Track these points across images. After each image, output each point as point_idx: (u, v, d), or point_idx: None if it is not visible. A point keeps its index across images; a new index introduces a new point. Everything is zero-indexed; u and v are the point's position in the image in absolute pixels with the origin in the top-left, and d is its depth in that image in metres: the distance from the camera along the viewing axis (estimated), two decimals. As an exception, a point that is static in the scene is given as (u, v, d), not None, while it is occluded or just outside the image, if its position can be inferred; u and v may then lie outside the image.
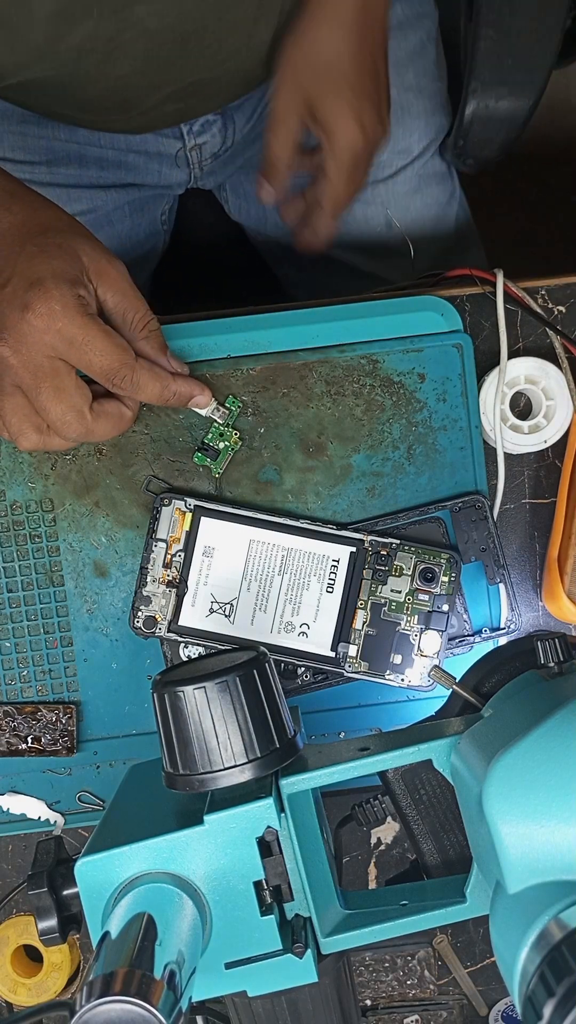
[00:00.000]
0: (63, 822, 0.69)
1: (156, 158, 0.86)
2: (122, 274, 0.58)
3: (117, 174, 0.86)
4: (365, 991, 0.74)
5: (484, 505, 0.67)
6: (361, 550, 0.66)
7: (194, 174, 0.89)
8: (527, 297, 0.69)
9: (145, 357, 0.60)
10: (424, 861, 0.54)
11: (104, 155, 0.85)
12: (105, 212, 0.87)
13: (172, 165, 0.87)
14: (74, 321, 0.55)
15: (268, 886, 0.47)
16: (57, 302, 0.54)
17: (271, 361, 0.67)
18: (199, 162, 0.87)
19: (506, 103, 0.78)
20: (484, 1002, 0.75)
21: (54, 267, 0.55)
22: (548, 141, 1.43)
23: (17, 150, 0.82)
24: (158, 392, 0.60)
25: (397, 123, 0.83)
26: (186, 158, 0.86)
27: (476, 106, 0.78)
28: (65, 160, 0.84)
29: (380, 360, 0.67)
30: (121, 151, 0.85)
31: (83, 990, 0.38)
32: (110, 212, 0.87)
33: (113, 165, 0.85)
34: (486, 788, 0.40)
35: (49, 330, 0.55)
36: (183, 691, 0.46)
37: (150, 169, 0.87)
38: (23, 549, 0.68)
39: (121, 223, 0.89)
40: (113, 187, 0.87)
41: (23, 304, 0.54)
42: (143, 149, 0.85)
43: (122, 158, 0.85)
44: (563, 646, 0.48)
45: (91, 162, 0.85)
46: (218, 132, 0.85)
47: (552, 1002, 0.34)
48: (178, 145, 0.85)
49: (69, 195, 0.85)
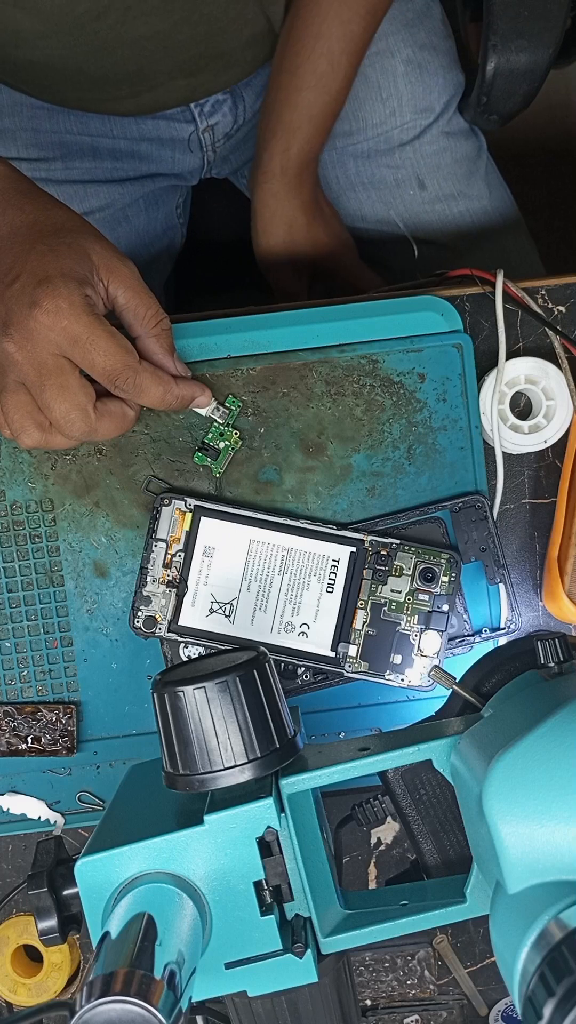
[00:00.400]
0: (63, 822, 0.69)
1: (169, 144, 0.86)
2: (133, 272, 0.59)
3: (131, 164, 0.86)
4: (365, 991, 0.74)
5: (484, 505, 0.67)
6: (361, 550, 0.66)
7: (207, 158, 0.89)
8: (527, 297, 0.69)
9: (152, 355, 0.60)
10: (424, 861, 0.54)
11: (116, 145, 0.85)
12: (121, 207, 0.87)
13: (185, 150, 0.87)
14: (80, 320, 0.55)
15: (268, 886, 0.47)
16: (64, 300, 0.54)
17: (271, 361, 0.67)
18: (212, 144, 0.88)
19: (525, 55, 0.79)
20: (484, 1002, 0.75)
21: (63, 266, 0.55)
22: (548, 141, 1.43)
23: (31, 148, 0.82)
24: (159, 396, 0.60)
25: (416, 82, 0.85)
26: (199, 141, 0.87)
27: (497, 60, 0.79)
28: (79, 154, 0.84)
29: (380, 360, 0.67)
30: (133, 140, 0.85)
31: (83, 990, 0.38)
32: (126, 207, 0.88)
33: (127, 155, 0.86)
34: (486, 788, 0.40)
35: (55, 327, 0.55)
36: (183, 691, 0.46)
37: (163, 157, 0.87)
38: (23, 549, 0.68)
39: (137, 218, 0.89)
40: (128, 180, 0.87)
41: (31, 301, 0.54)
42: (155, 136, 0.86)
43: (135, 147, 0.86)
44: (563, 646, 0.48)
45: (105, 154, 0.85)
46: (228, 111, 0.86)
47: (552, 1002, 0.34)
48: (190, 128, 0.85)
49: (86, 191, 0.85)
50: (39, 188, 0.61)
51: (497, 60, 0.79)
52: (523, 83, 0.81)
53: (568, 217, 1.44)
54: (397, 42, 0.85)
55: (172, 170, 0.89)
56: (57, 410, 0.57)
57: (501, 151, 0.95)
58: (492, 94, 0.81)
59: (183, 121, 0.85)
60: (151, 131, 0.85)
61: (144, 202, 0.89)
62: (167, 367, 0.61)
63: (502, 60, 0.79)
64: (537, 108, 0.85)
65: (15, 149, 0.82)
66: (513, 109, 0.83)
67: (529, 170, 1.39)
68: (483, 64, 0.80)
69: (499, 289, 0.68)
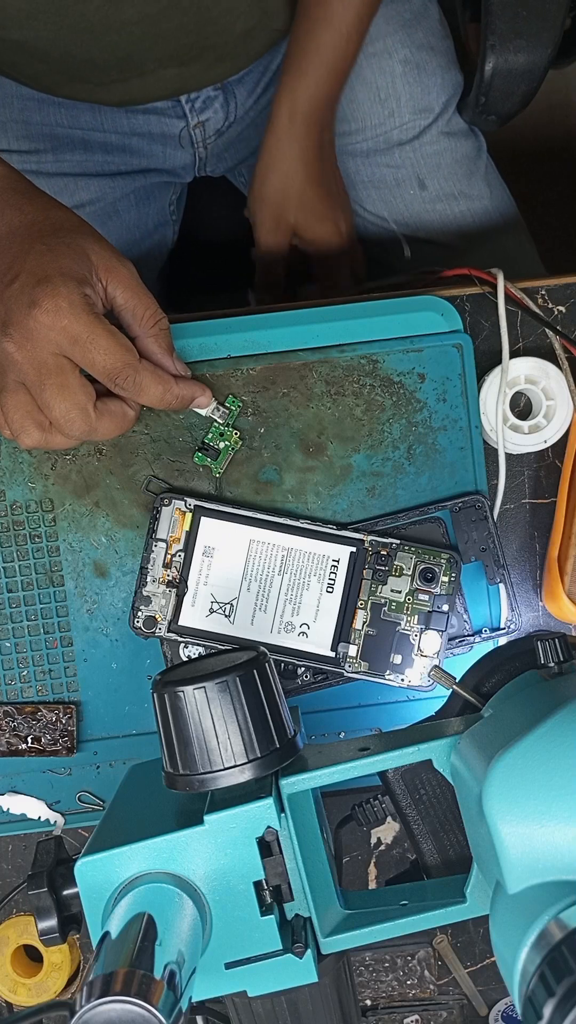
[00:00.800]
0: (63, 822, 0.69)
1: (160, 139, 0.86)
2: (132, 272, 0.59)
3: (122, 158, 0.86)
4: (365, 991, 0.74)
5: (484, 505, 0.67)
6: (361, 550, 0.66)
7: (199, 155, 0.89)
8: (526, 298, 0.69)
9: (151, 355, 0.60)
10: (424, 861, 0.54)
11: (107, 139, 0.85)
12: (111, 201, 0.87)
13: (176, 146, 0.87)
14: (79, 319, 0.55)
15: (268, 886, 0.47)
16: (64, 299, 0.54)
17: (271, 361, 0.67)
18: (203, 141, 0.87)
19: (524, 55, 0.79)
20: (484, 1002, 0.75)
21: (62, 265, 0.55)
22: (548, 141, 1.43)
23: (21, 140, 0.82)
24: (160, 395, 0.60)
25: (415, 82, 0.85)
26: (190, 137, 0.87)
27: (496, 60, 0.79)
28: (69, 147, 0.84)
29: (380, 360, 0.67)
30: (124, 134, 0.85)
31: (83, 990, 0.38)
32: (116, 201, 0.87)
33: (117, 149, 0.86)
34: (486, 788, 0.40)
35: (55, 327, 0.55)
36: (183, 691, 0.46)
37: (154, 152, 0.87)
38: (23, 549, 0.68)
39: (128, 212, 0.89)
40: (119, 174, 0.87)
41: (30, 300, 0.54)
42: (146, 130, 0.85)
43: (126, 142, 0.86)
44: (563, 646, 0.48)
45: (96, 147, 0.85)
46: (220, 108, 0.86)
47: (552, 1002, 0.34)
48: (181, 124, 0.85)
49: (76, 184, 0.85)
50: (37, 188, 0.61)
51: (495, 60, 0.79)
52: (522, 83, 0.81)
53: (568, 217, 1.44)
54: (395, 43, 0.85)
55: (163, 165, 0.89)
56: (57, 409, 0.57)
57: (501, 151, 0.95)
58: (491, 94, 0.82)
59: (174, 116, 0.85)
60: (142, 126, 0.85)
61: (135, 197, 0.89)
62: (167, 366, 0.61)
63: (500, 60, 0.79)
64: (537, 108, 0.85)
65: (5, 141, 0.82)
66: (512, 109, 0.83)
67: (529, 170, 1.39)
68: (481, 64, 0.80)
69: (500, 289, 0.68)
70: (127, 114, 0.85)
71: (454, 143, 0.87)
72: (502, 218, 0.89)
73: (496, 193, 0.89)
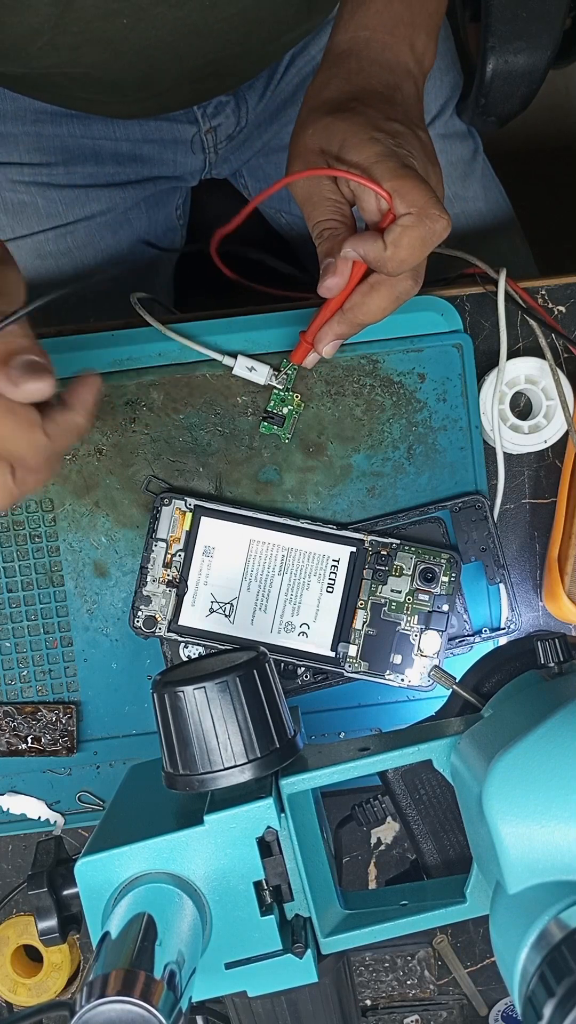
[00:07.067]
0: (63, 822, 0.69)
1: (171, 146, 0.86)
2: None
3: (133, 168, 0.86)
4: (365, 991, 0.74)
5: (484, 505, 0.67)
6: (361, 550, 0.66)
7: (209, 160, 0.89)
8: (527, 298, 0.69)
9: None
10: (424, 861, 0.54)
11: (119, 148, 0.85)
12: (123, 210, 0.87)
13: (188, 152, 0.87)
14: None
15: (268, 886, 0.47)
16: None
17: (271, 361, 0.67)
18: (214, 146, 0.87)
19: (524, 57, 0.79)
20: (484, 1002, 0.75)
21: None
22: (548, 141, 1.43)
23: (33, 152, 0.82)
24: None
25: None
26: (201, 142, 0.87)
27: (496, 62, 0.79)
28: (81, 158, 0.84)
29: (380, 360, 0.67)
30: (136, 142, 0.85)
31: (83, 990, 0.38)
32: (128, 210, 0.88)
33: (129, 159, 0.86)
34: (486, 788, 0.40)
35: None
36: (183, 691, 0.46)
37: (165, 158, 0.87)
38: (23, 549, 0.68)
39: (139, 221, 0.89)
40: (129, 184, 0.87)
41: None
42: (158, 137, 0.85)
43: (137, 150, 0.85)
44: (563, 646, 0.48)
45: (107, 158, 0.85)
46: (232, 113, 0.86)
47: (552, 1002, 0.34)
48: (193, 130, 0.85)
49: (87, 195, 0.85)
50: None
51: (495, 61, 0.79)
52: (521, 84, 0.81)
53: (566, 217, 1.44)
54: None
55: (173, 172, 0.89)
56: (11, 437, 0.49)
57: (499, 151, 0.95)
58: (490, 96, 0.81)
59: (186, 122, 0.85)
60: (154, 132, 0.85)
61: (145, 205, 0.89)
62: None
63: (500, 61, 0.79)
64: (536, 108, 0.85)
65: (17, 154, 0.82)
66: (511, 111, 0.83)
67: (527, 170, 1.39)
68: (482, 66, 0.80)
69: (501, 289, 0.68)
70: (139, 122, 0.85)
71: (450, 146, 0.87)
72: (496, 221, 0.89)
73: (491, 195, 0.89)
